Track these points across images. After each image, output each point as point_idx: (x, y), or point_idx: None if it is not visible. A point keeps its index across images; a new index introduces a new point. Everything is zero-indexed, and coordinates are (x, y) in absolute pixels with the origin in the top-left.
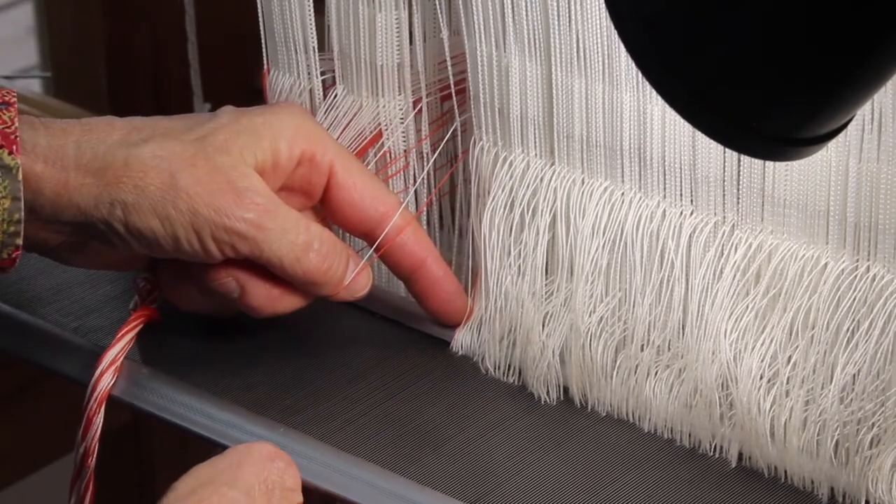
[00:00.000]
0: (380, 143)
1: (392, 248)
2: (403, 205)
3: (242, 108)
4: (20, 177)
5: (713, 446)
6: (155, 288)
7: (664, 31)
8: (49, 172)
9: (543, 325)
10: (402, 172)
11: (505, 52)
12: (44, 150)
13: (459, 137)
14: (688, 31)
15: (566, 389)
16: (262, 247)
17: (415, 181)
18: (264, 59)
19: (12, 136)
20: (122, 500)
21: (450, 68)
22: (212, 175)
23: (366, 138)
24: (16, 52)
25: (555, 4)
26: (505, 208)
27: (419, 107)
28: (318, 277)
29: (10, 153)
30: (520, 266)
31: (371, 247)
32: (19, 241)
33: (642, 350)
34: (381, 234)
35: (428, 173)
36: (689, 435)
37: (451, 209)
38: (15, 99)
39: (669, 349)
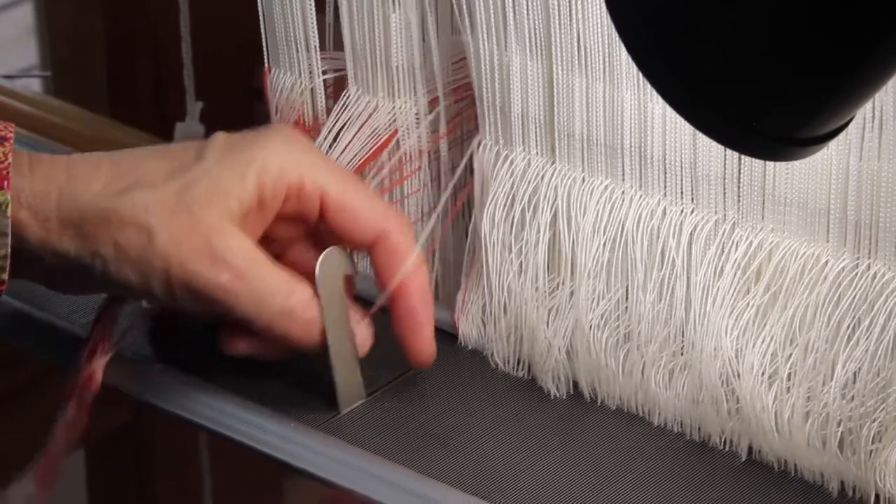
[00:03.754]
0: (394, 142)
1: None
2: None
3: (231, 140)
4: (9, 213)
5: (723, 440)
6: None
7: (663, 28)
8: (32, 221)
9: (548, 323)
10: (416, 174)
11: (506, 50)
12: (28, 198)
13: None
14: (687, 27)
15: (576, 384)
16: (233, 309)
17: (430, 181)
18: (265, 57)
19: (4, 172)
20: (122, 500)
21: (471, 68)
22: (189, 233)
23: (381, 139)
24: (16, 52)
25: (556, 3)
26: (506, 206)
27: (435, 107)
28: (292, 340)
29: (1, 189)
30: (521, 263)
31: (372, 263)
32: (5, 277)
33: (646, 347)
34: (378, 252)
35: (443, 174)
36: (699, 429)
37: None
38: (12, 134)
39: (672, 346)
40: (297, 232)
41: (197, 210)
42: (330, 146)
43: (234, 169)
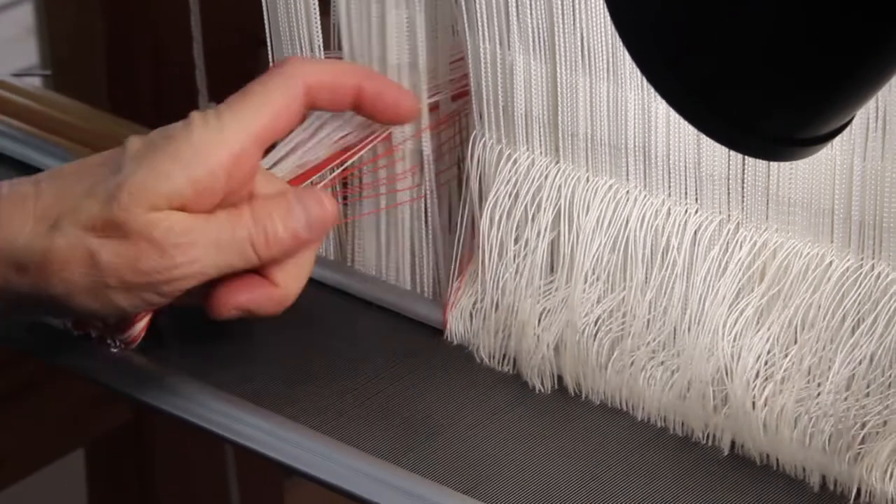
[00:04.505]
0: (387, 139)
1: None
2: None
3: (146, 141)
4: None
5: (706, 435)
6: None
7: (665, 33)
8: None
9: (540, 320)
10: (410, 170)
11: (509, 50)
12: None
13: (461, 134)
14: (688, 33)
15: (560, 379)
16: (207, 272)
17: (424, 178)
18: (269, 58)
19: None
20: (122, 500)
21: (469, 66)
22: (127, 239)
23: (374, 132)
24: (16, 52)
25: (559, 2)
26: (507, 204)
27: (431, 105)
28: (273, 253)
29: None
30: (519, 263)
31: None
32: None
33: (639, 347)
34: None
35: (438, 171)
36: (682, 424)
37: (461, 207)
38: None
39: (665, 346)
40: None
41: (126, 216)
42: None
43: (152, 171)
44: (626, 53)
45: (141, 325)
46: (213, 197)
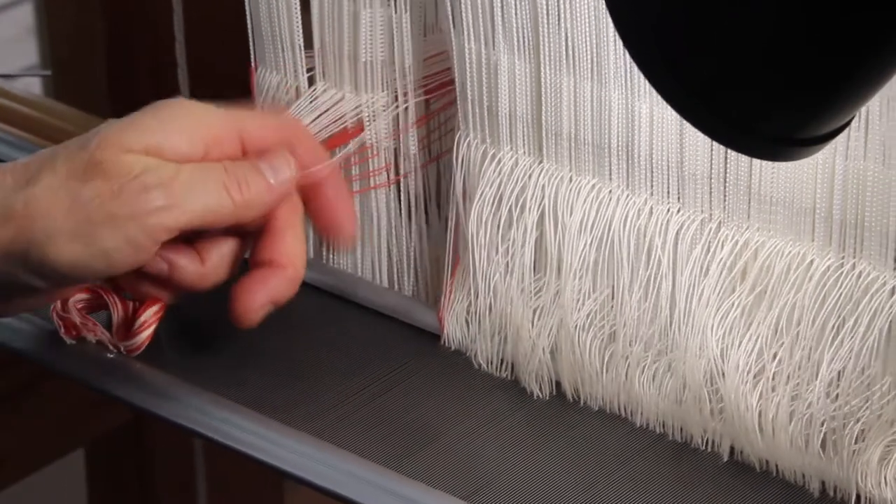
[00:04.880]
0: (360, 139)
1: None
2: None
3: (125, 118)
4: None
5: (705, 441)
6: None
7: (666, 35)
8: None
9: (533, 322)
10: (384, 169)
11: (494, 49)
12: None
13: (439, 132)
14: (688, 35)
15: (559, 384)
16: (185, 208)
17: (399, 178)
18: (251, 56)
19: None
20: (122, 500)
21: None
22: (107, 177)
23: (345, 124)
24: (16, 52)
25: (544, 2)
26: (493, 205)
27: (403, 104)
28: (245, 198)
29: None
30: (508, 263)
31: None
32: None
33: (631, 346)
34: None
35: (413, 170)
36: (681, 430)
37: (437, 204)
38: None
39: (657, 346)
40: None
41: (103, 158)
42: None
43: (132, 123)
44: (611, 53)
45: (146, 333)
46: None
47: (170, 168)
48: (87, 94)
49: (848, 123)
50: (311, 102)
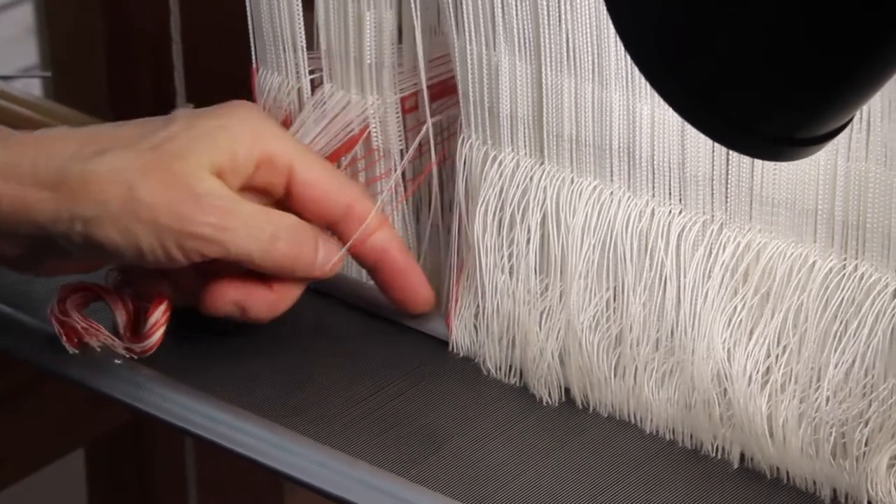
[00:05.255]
0: (365, 135)
1: (355, 241)
2: (382, 203)
3: (196, 111)
4: None
5: (715, 448)
6: (126, 280)
7: (666, 36)
8: (5, 188)
9: (540, 325)
10: (387, 171)
11: (495, 50)
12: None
13: (443, 135)
14: (688, 36)
15: (567, 391)
16: (228, 247)
17: (402, 179)
18: (252, 57)
19: None
20: (122, 500)
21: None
22: (169, 183)
23: (352, 132)
24: (16, 52)
25: (545, 3)
26: (495, 207)
27: (408, 105)
28: (288, 264)
29: None
30: (512, 266)
31: (339, 238)
32: None
33: (638, 346)
34: (346, 226)
35: (414, 171)
36: (691, 436)
37: (440, 207)
38: None
39: (664, 348)
40: (261, 204)
41: (172, 163)
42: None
43: (206, 134)
44: (612, 54)
45: (159, 334)
46: (238, 179)
47: (230, 200)
48: (87, 96)
49: (848, 123)
50: (321, 106)
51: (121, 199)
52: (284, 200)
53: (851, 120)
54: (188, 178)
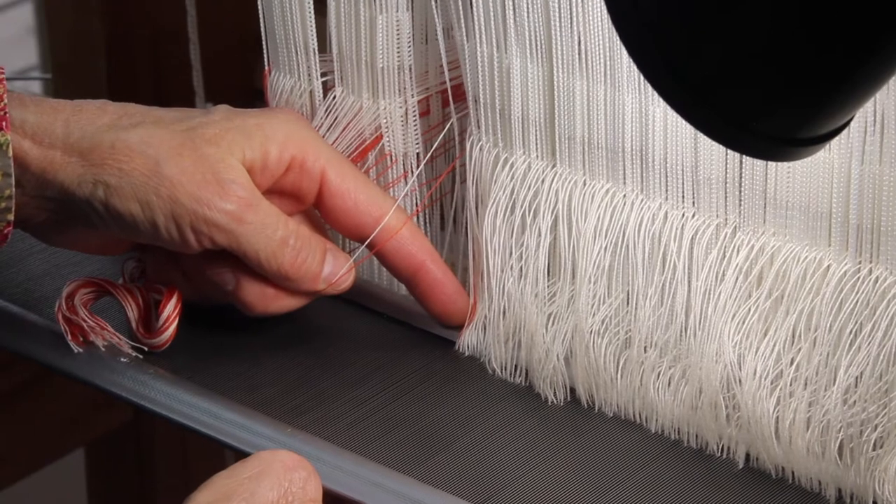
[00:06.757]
0: (380, 145)
1: (390, 252)
2: (396, 204)
3: (238, 109)
4: (10, 153)
5: (720, 447)
6: (143, 270)
7: (664, 34)
8: (36, 149)
9: (547, 327)
10: (401, 175)
11: (506, 53)
12: (32, 127)
13: (455, 139)
14: (687, 34)
15: (573, 390)
16: (239, 240)
17: (415, 183)
18: (265, 60)
19: (1, 113)
20: (122, 500)
21: (445, 70)
22: (197, 165)
23: (365, 140)
24: (16, 52)
25: (556, 5)
26: (506, 210)
27: (420, 109)
28: (291, 273)
29: (0, 129)
30: (521, 268)
31: (370, 250)
32: (11, 217)
33: (646, 351)
34: (377, 238)
35: (430, 176)
36: (696, 436)
37: (452, 210)
38: (3, 75)
39: (673, 351)
40: (288, 210)
41: (203, 147)
42: None
43: (242, 128)
44: (624, 56)
45: (172, 328)
46: (267, 180)
47: (252, 194)
48: (87, 95)
49: (847, 124)
50: (332, 112)
51: (145, 172)
52: (317, 209)
53: (850, 121)
54: (216, 163)
